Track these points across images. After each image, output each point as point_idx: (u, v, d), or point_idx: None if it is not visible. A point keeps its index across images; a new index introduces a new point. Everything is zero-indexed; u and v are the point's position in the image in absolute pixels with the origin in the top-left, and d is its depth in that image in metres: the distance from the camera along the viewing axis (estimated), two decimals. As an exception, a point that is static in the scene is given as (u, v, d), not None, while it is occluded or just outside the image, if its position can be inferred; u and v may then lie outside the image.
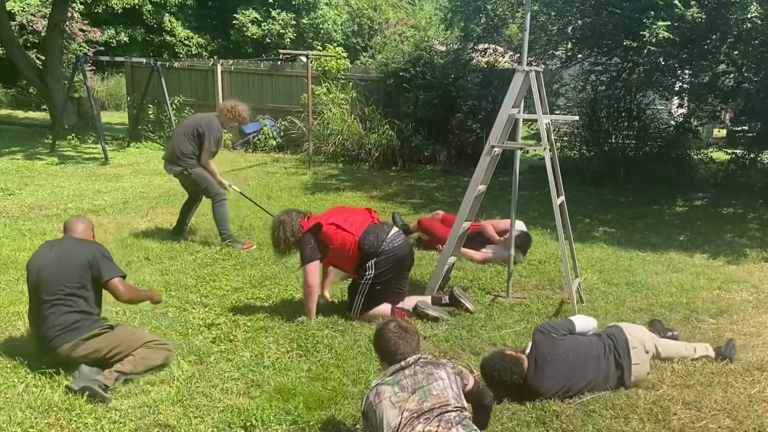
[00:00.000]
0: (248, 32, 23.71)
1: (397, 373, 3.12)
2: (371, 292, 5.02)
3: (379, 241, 4.99)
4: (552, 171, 5.08)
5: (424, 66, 12.55)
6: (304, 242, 5.01)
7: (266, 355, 4.44)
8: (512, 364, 3.80)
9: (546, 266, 6.48)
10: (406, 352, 3.19)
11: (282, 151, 14.01)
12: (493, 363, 3.85)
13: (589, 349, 3.96)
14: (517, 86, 5.04)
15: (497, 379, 3.81)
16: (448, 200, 9.97)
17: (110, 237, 7.24)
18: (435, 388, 3.04)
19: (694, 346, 4.44)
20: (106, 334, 4.14)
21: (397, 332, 3.25)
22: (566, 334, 4.02)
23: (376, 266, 4.99)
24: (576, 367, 3.88)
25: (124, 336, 4.19)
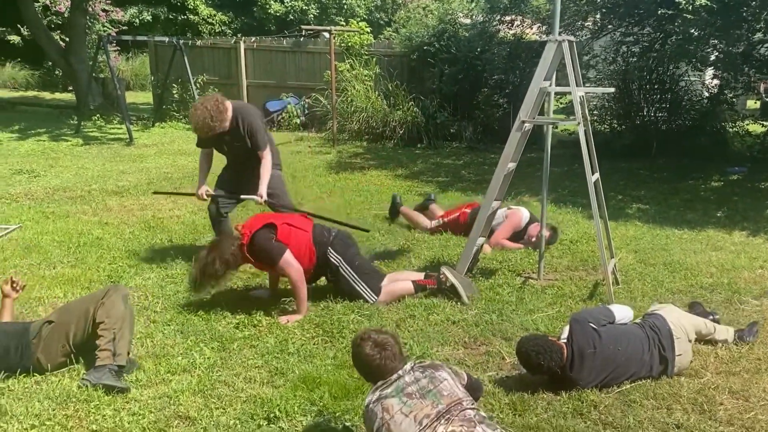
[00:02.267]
0: (271, 9, 23.49)
1: (396, 383, 2.94)
2: (358, 271, 4.88)
3: (327, 234, 4.95)
4: (586, 146, 4.84)
5: (449, 40, 12.28)
6: (265, 237, 4.67)
7: (291, 341, 4.31)
8: (551, 350, 3.59)
9: (578, 246, 6.26)
10: (394, 368, 3.00)
11: (306, 130, 13.85)
12: (532, 344, 3.64)
13: (632, 341, 3.73)
14: (549, 57, 4.80)
15: (534, 361, 3.61)
16: (475, 178, 9.76)
17: (134, 219, 7.16)
18: (444, 389, 2.88)
19: (714, 325, 4.22)
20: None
21: (374, 353, 3.00)
22: (605, 324, 3.81)
23: (336, 252, 4.88)
24: (618, 360, 3.66)
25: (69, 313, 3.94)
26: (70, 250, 6.05)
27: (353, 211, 7.60)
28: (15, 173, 9.44)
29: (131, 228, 6.81)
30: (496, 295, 5.01)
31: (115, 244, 6.22)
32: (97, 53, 13.90)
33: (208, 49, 15.43)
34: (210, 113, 5.35)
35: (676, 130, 11.45)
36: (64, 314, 3.89)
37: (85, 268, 5.61)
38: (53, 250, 6.04)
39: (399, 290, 4.94)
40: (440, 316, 4.64)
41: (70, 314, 3.88)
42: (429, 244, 6.34)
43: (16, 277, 4.19)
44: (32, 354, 3.78)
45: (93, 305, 3.85)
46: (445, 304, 4.81)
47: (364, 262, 5.05)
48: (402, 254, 6.07)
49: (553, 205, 7.72)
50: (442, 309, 4.75)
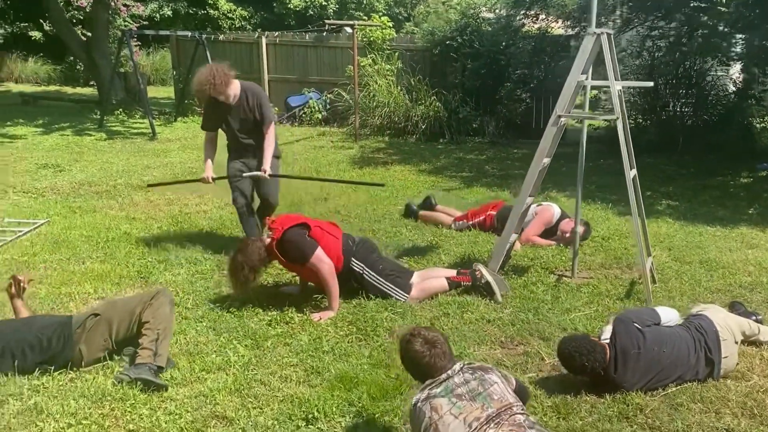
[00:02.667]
0: (291, 4, 23.43)
1: (445, 383, 2.88)
2: (383, 275, 4.84)
3: (352, 241, 4.94)
4: (624, 142, 4.74)
5: (472, 34, 12.17)
6: (297, 234, 4.64)
7: (325, 339, 4.26)
8: (594, 350, 3.50)
9: (611, 243, 6.16)
10: (443, 367, 2.94)
11: (328, 125, 13.79)
12: (574, 344, 3.55)
13: (678, 343, 3.63)
14: (587, 50, 4.70)
15: (576, 362, 3.53)
16: (499, 173, 9.66)
17: (161, 214, 7.14)
18: (494, 393, 2.82)
19: (758, 326, 4.11)
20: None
21: (424, 350, 2.94)
22: (650, 325, 3.71)
23: (358, 259, 4.84)
24: (663, 362, 3.56)
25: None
26: (99, 245, 6.04)
27: (379, 207, 7.53)
28: (40, 167, 9.47)
29: (158, 223, 6.79)
30: (530, 293, 4.93)
31: (143, 240, 6.19)
32: (120, 48, 13.91)
33: (230, 44, 15.40)
34: (214, 74, 5.44)
35: (701, 125, 11.27)
36: (110, 309, 3.89)
37: (114, 263, 5.59)
38: (82, 245, 6.03)
39: (433, 287, 4.87)
40: (475, 315, 4.57)
41: (115, 310, 3.88)
42: (458, 240, 6.26)
43: (21, 275, 4.14)
44: (74, 344, 3.77)
45: (140, 306, 3.85)
46: (479, 302, 4.74)
47: (387, 264, 4.99)
48: (431, 251, 5.99)
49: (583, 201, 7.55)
50: (476, 307, 4.68)
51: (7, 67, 21.07)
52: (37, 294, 4.95)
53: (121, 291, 5.05)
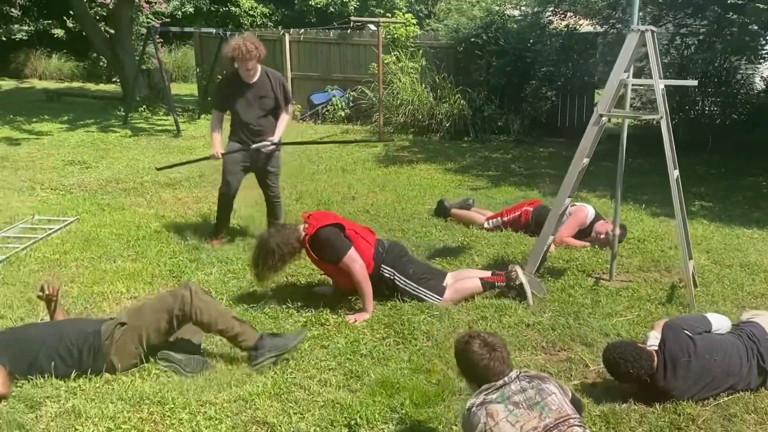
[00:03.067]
0: (312, 1, 23.39)
1: (502, 390, 2.81)
2: (414, 279, 4.76)
3: (382, 247, 4.86)
4: (669, 142, 4.63)
5: (497, 31, 12.02)
6: (332, 232, 4.58)
7: (362, 342, 4.19)
8: (640, 357, 3.41)
9: (647, 245, 6.03)
10: (502, 371, 2.87)
11: (351, 122, 13.72)
12: (620, 351, 3.47)
13: (729, 352, 3.51)
14: (630, 48, 4.57)
15: (622, 369, 3.44)
16: (526, 172, 9.54)
17: (190, 212, 7.11)
18: (552, 403, 2.74)
19: None
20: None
21: (483, 352, 2.88)
22: (701, 333, 3.60)
23: (387, 266, 4.76)
24: (714, 371, 3.45)
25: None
26: (130, 243, 6.02)
27: (408, 206, 7.45)
28: (67, 164, 9.48)
29: (188, 221, 6.75)
30: (568, 296, 4.84)
31: (173, 238, 6.16)
32: (146, 44, 13.92)
33: (253, 41, 15.34)
34: (248, 40, 5.65)
35: (730, 124, 11.08)
36: (137, 317, 3.81)
37: (146, 262, 5.56)
38: (112, 243, 6.01)
39: (467, 288, 4.79)
40: (513, 319, 4.48)
41: (142, 317, 3.80)
42: (489, 241, 6.17)
43: (47, 281, 4.10)
44: (105, 356, 3.72)
45: (166, 312, 3.78)
46: (516, 306, 4.65)
47: (418, 268, 4.90)
48: (463, 252, 5.90)
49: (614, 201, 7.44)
50: (514, 311, 4.59)
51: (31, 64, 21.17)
52: (70, 293, 4.93)
53: (153, 290, 5.01)
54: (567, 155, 11.08)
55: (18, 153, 10.22)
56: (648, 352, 3.50)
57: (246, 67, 5.69)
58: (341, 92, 14.29)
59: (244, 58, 5.60)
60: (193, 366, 3.82)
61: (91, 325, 3.88)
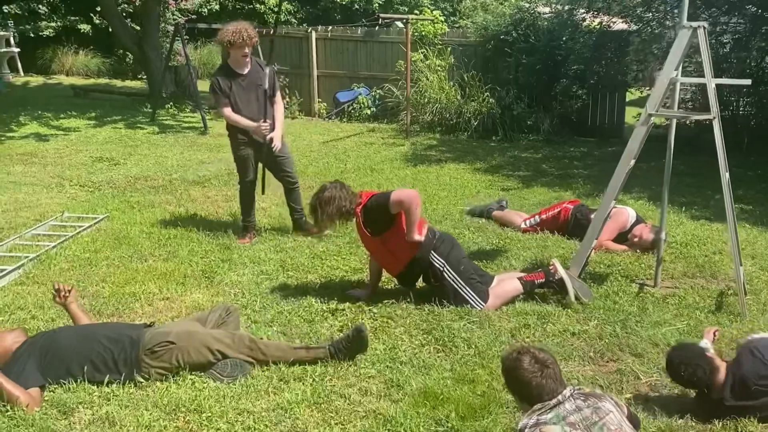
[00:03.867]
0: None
1: (556, 410, 2.65)
2: (463, 277, 4.60)
3: (432, 233, 4.71)
4: (720, 143, 4.44)
5: (527, 29, 11.82)
6: (383, 198, 4.52)
7: (401, 349, 4.06)
8: (698, 363, 3.25)
9: (690, 250, 5.83)
10: (555, 390, 2.71)
11: (377, 121, 13.59)
12: (680, 353, 3.37)
13: None
14: (682, 45, 4.40)
15: (675, 369, 3.34)
16: (557, 173, 9.34)
17: (221, 211, 7.02)
18: (611, 423, 2.60)
19: None
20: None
21: (535, 369, 2.71)
22: None
23: (439, 254, 4.61)
24: None
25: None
26: (161, 242, 5.94)
27: (439, 206, 7.31)
28: (96, 161, 9.46)
29: (219, 220, 6.67)
30: (613, 303, 4.66)
31: (203, 238, 6.07)
32: (174, 41, 13.89)
33: (279, 38, 15.21)
34: (250, 28, 5.72)
35: (766, 125, 10.79)
36: (188, 340, 3.71)
37: (177, 262, 5.48)
38: (143, 242, 5.94)
39: (508, 292, 4.65)
40: (557, 327, 4.32)
41: (193, 342, 3.71)
42: (525, 243, 6.00)
43: (60, 285, 4.03)
44: (141, 369, 3.62)
45: (219, 353, 3.72)
46: (560, 313, 4.50)
47: (469, 266, 4.77)
48: (498, 254, 5.75)
49: (653, 204, 7.27)
50: (557, 318, 4.43)
51: (59, 60, 21.24)
52: (101, 294, 4.86)
53: (186, 291, 4.93)
54: (599, 155, 10.99)
55: (46, 149, 10.22)
56: (711, 361, 3.32)
57: (243, 53, 5.70)
58: (367, 90, 14.17)
59: (244, 44, 5.64)
60: (230, 371, 3.71)
61: (125, 330, 3.78)
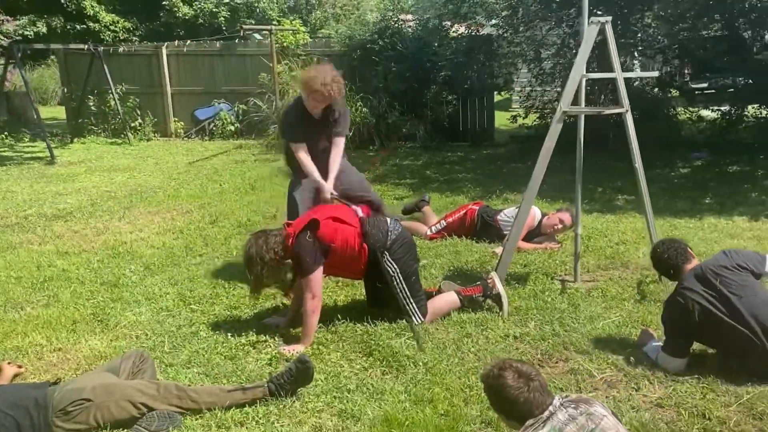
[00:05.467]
0: (179, 13, 22.30)
1: (550, 423, 2.47)
2: (411, 287, 4.31)
3: (384, 233, 4.28)
4: (632, 135, 4.52)
5: (393, 37, 11.84)
6: (305, 244, 4.06)
7: (344, 376, 3.73)
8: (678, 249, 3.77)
9: (595, 242, 5.95)
10: (544, 402, 2.52)
11: (243, 137, 13.06)
12: (667, 241, 3.91)
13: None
14: (590, 42, 4.41)
15: (658, 254, 3.83)
16: (443, 178, 9.37)
17: (94, 245, 6.30)
18: (608, 428, 2.45)
19: None
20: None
21: (521, 385, 2.53)
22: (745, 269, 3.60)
23: (394, 260, 4.26)
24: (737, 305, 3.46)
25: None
26: (35, 286, 5.20)
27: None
28: (-70, 201, 8.28)
29: (96, 256, 5.97)
30: (544, 303, 4.59)
31: (85, 276, 5.40)
32: (6, 66, 12.60)
33: (126, 57, 14.29)
34: (336, 78, 4.87)
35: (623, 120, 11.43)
36: (107, 395, 3.15)
37: (61, 307, 4.80)
38: (14, 289, 5.18)
39: (444, 305, 4.43)
40: (498, 332, 4.17)
41: (112, 397, 3.16)
42: (437, 251, 5.85)
43: None
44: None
45: (144, 407, 3.21)
46: (496, 318, 4.36)
47: (417, 279, 4.42)
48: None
49: (542, 200, 7.39)
50: (495, 323, 4.28)
51: None
52: (-24, 353, 4.13)
53: (79, 339, 4.28)
54: (476, 158, 11.16)
55: None
56: (687, 252, 3.78)
57: (308, 110, 4.97)
58: (229, 106, 13.62)
59: (329, 99, 4.88)
60: (159, 423, 3.20)
61: (26, 392, 3.17)
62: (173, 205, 7.97)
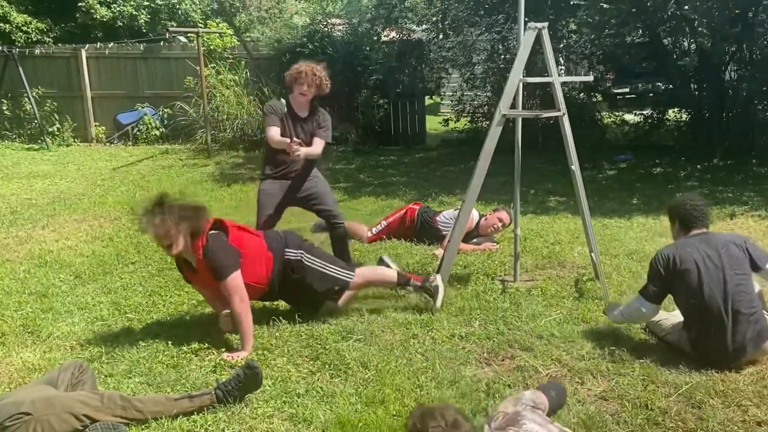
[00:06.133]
0: (97, 15, 21.54)
1: None
2: (323, 258, 4.43)
3: (280, 236, 4.43)
4: (569, 137, 4.64)
5: (323, 40, 11.80)
6: (219, 245, 4.03)
7: (291, 380, 3.68)
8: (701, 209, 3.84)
9: (532, 243, 6.08)
10: None
11: (169, 142, 12.74)
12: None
13: None
14: (528, 46, 4.51)
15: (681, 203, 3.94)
16: (377, 181, 9.40)
17: (19, 255, 6.01)
18: None
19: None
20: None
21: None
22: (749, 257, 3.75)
23: (293, 247, 4.35)
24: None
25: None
26: (-45, 299, 4.91)
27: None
28: None
29: (22, 266, 5.70)
30: (486, 302, 4.65)
31: (12, 287, 5.15)
32: None
33: (43, 59, 13.69)
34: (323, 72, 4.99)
35: (552, 123, 11.75)
36: (47, 408, 2.99)
37: (-14, 319, 4.55)
38: (-68, 302, 4.87)
39: (378, 276, 4.60)
40: (444, 332, 4.20)
41: (53, 409, 3.00)
42: (377, 254, 5.83)
43: None
44: None
45: (87, 418, 3.07)
46: (441, 318, 4.39)
47: (322, 251, 4.56)
48: (354, 267, 5.51)
49: (479, 203, 7.45)
50: (440, 324, 4.32)
51: None
52: None
53: (9, 352, 4.08)
54: (409, 161, 11.24)
55: None
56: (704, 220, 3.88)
57: (293, 109, 5.04)
58: (153, 110, 13.25)
59: (317, 90, 4.99)
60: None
61: None
62: (100, 212, 7.70)
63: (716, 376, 3.57)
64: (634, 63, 10.95)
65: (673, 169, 9.39)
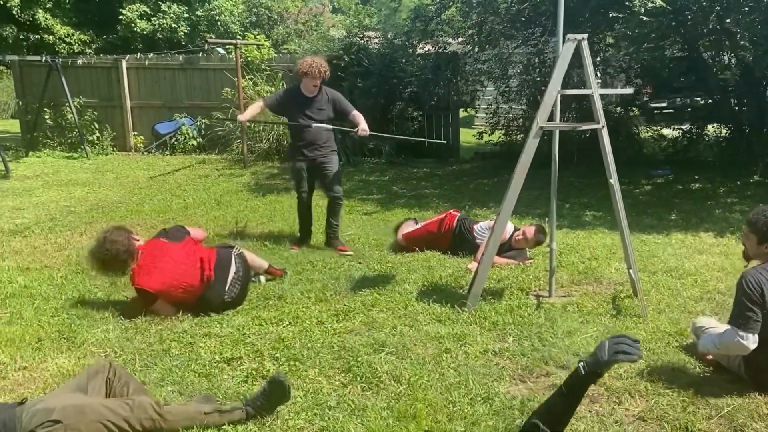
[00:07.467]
0: (137, 27, 21.99)
1: None
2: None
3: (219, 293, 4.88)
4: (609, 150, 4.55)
5: (359, 53, 11.85)
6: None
7: (323, 393, 3.65)
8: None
9: (568, 258, 5.97)
10: None
11: (206, 152, 12.88)
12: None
13: None
14: (567, 58, 4.45)
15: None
16: (410, 194, 9.36)
17: (56, 261, 6.10)
18: None
19: None
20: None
21: None
22: None
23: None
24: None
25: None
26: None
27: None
28: None
29: (59, 272, 5.77)
30: (520, 318, 4.58)
31: (49, 293, 5.21)
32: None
33: (84, 69, 13.97)
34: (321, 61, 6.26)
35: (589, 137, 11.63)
36: (78, 417, 2.99)
37: (24, 324, 4.60)
38: (-28, 306, 4.95)
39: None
40: (477, 347, 4.14)
41: (84, 419, 3.01)
42: (410, 266, 5.80)
43: None
44: None
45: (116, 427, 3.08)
46: (474, 333, 4.33)
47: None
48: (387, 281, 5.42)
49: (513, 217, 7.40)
50: (473, 338, 4.26)
51: None
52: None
53: (45, 357, 4.12)
54: (442, 174, 11.20)
55: None
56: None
57: (314, 83, 6.24)
58: (191, 120, 13.42)
59: (317, 75, 6.14)
60: None
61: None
62: (137, 220, 7.78)
63: (759, 399, 3.45)
64: (673, 77, 10.76)
65: (712, 185, 9.18)
